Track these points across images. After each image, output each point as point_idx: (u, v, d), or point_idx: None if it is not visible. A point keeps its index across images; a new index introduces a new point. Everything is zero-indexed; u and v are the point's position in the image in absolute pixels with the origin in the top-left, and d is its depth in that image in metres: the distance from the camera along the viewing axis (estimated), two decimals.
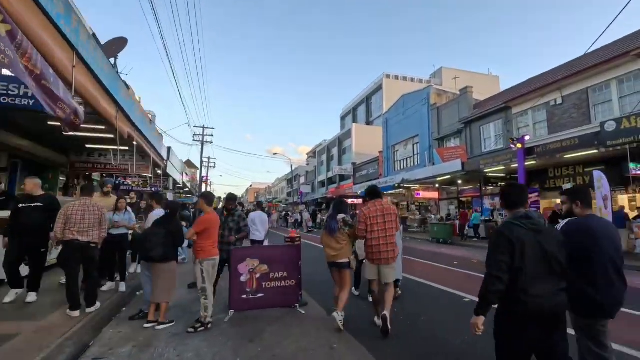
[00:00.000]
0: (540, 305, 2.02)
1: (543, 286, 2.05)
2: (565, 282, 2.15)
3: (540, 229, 2.12)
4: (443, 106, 22.35)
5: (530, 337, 2.06)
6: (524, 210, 2.24)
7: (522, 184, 2.73)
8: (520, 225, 2.13)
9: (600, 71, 12.97)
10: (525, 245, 2.06)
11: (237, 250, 4.52)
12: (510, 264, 2.06)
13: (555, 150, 11.69)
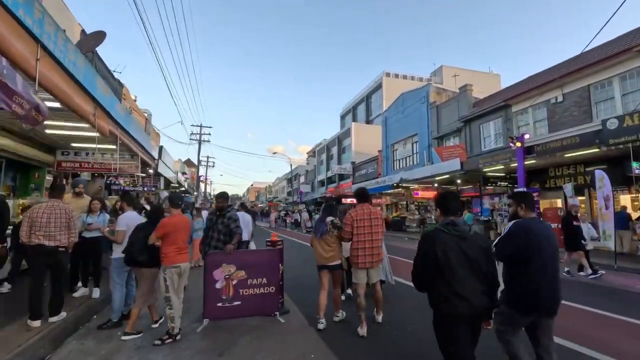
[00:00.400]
0: (462, 306, 2.19)
1: (465, 288, 2.21)
2: (488, 284, 2.30)
3: (464, 236, 2.29)
4: (442, 104, 22.03)
5: (458, 331, 2.25)
6: (452, 218, 2.39)
7: (456, 192, 2.72)
8: (445, 231, 2.30)
9: (602, 68, 12.63)
10: (447, 251, 2.23)
11: (212, 255, 4.24)
12: (433, 268, 2.25)
13: (556, 149, 11.37)
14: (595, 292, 6.38)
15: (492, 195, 17.51)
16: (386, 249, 5.62)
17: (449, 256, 2.22)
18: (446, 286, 2.22)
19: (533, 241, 2.54)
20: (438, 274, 2.24)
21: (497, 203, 16.71)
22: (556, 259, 2.58)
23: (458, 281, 2.21)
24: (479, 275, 2.26)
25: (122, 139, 8.06)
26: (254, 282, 4.28)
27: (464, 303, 2.19)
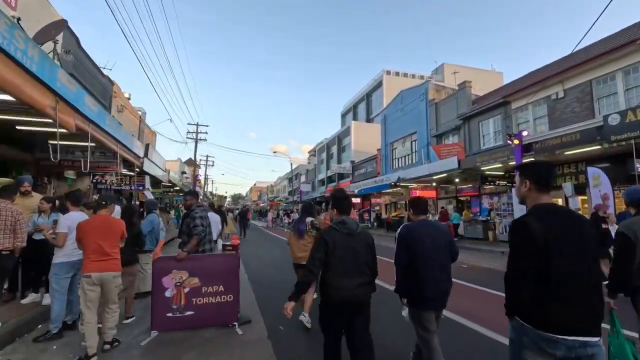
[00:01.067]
0: (343, 296, 2.44)
1: (348, 280, 2.45)
2: (371, 276, 2.57)
3: (352, 233, 2.54)
4: (441, 102, 21.52)
5: (338, 319, 2.51)
6: (345, 216, 2.64)
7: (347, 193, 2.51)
8: (336, 229, 2.54)
9: (604, 62, 12.10)
10: (336, 246, 2.47)
11: (161, 260, 3.85)
12: (324, 260, 2.46)
13: (555, 147, 10.89)
14: None
15: (492, 194, 17.03)
16: None
17: (337, 250, 2.47)
18: (332, 277, 2.47)
19: (417, 242, 2.73)
20: (326, 265, 2.48)
21: (496, 202, 16.22)
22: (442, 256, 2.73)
23: (342, 273, 2.47)
24: (363, 268, 2.54)
25: (95, 135, 7.70)
26: (209, 289, 3.89)
27: (346, 292, 2.46)
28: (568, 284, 1.64)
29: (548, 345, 1.63)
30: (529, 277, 1.69)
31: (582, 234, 1.74)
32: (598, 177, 9.11)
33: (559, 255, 1.65)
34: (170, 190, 22.31)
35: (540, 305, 1.66)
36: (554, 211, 1.82)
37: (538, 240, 1.67)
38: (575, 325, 1.62)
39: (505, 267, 1.85)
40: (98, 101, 14.99)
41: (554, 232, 1.68)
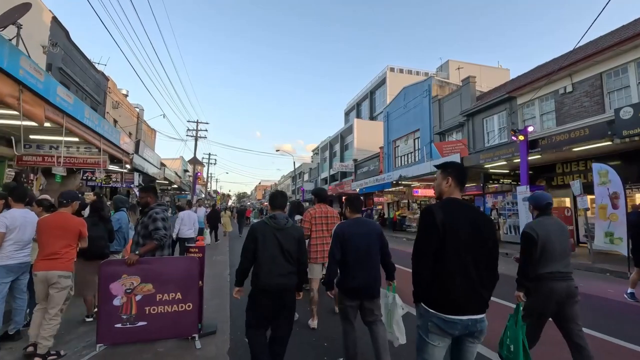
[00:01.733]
0: (267, 284, 2.70)
1: (272, 269, 2.70)
2: (297, 266, 2.84)
3: (280, 227, 2.81)
4: (445, 98, 20.91)
5: (262, 305, 2.73)
6: (279, 212, 2.95)
7: (283, 191, 3.28)
8: (267, 223, 2.84)
9: (616, 53, 11.44)
10: (265, 239, 2.76)
11: (108, 264, 3.41)
12: (255, 251, 2.75)
13: (562, 143, 10.28)
14: None
15: (496, 193, 16.42)
16: None
17: (266, 242, 2.74)
18: (260, 266, 2.71)
19: (349, 239, 2.95)
20: (256, 255, 2.74)
21: (500, 202, 15.61)
22: (372, 251, 2.92)
23: (268, 262, 2.70)
24: (289, 259, 2.78)
25: (72, 128, 7.30)
26: (164, 297, 3.44)
27: (272, 279, 2.69)
28: (457, 270, 1.89)
29: (447, 326, 1.87)
30: (429, 258, 1.93)
31: (477, 227, 1.97)
32: (606, 174, 8.51)
33: (451, 244, 1.90)
34: (167, 188, 21.99)
35: (439, 289, 1.90)
36: (461, 205, 2.05)
37: (439, 226, 1.91)
38: (467, 307, 1.88)
39: (508, 270, 1.88)
40: (90, 96, 14.70)
41: (452, 222, 1.92)
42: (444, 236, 1.90)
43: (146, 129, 24.62)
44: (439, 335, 1.90)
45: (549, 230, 2.90)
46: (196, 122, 27.89)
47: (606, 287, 6.63)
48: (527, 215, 11.13)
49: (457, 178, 2.11)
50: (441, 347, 1.92)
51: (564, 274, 2.85)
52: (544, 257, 2.86)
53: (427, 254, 1.94)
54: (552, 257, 2.85)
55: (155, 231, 3.62)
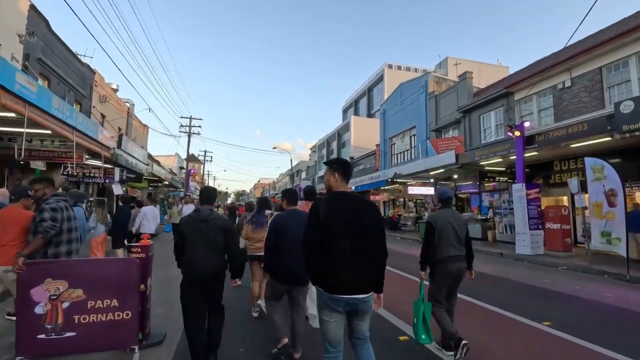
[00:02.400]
0: (193, 270, 2.92)
1: (197, 256, 2.92)
2: (223, 254, 3.05)
3: (204, 219, 3.02)
4: (441, 94, 20.45)
5: (192, 292, 2.93)
6: (206, 206, 3.15)
7: (212, 187, 3.88)
8: (192, 216, 3.09)
9: (616, 46, 10.99)
10: (190, 229, 2.98)
11: (32, 266, 2.97)
12: (182, 242, 2.98)
13: (560, 139, 9.86)
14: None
15: (492, 192, 15.99)
16: None
17: (191, 234, 2.96)
18: (187, 256, 2.93)
19: (285, 228, 3.15)
20: (184, 244, 2.95)
21: (497, 200, 15.18)
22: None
23: (194, 251, 2.91)
24: (214, 248, 2.98)
25: (36, 118, 6.86)
26: (97, 305, 3.01)
27: (197, 268, 2.90)
28: (340, 255, 2.12)
29: (333, 302, 2.14)
30: (316, 246, 2.17)
31: (359, 214, 2.20)
32: (602, 170, 8.09)
33: (332, 233, 2.14)
34: (158, 185, 21.57)
35: (325, 272, 2.15)
36: (343, 197, 2.28)
37: (321, 219, 2.16)
38: (348, 287, 2.12)
39: (502, 272, 4.94)
40: (74, 89, 14.24)
41: (334, 212, 2.17)
42: (327, 226, 2.14)
43: (137, 124, 24.18)
44: (329, 311, 2.16)
45: (446, 220, 3.41)
46: (189, 118, 27.44)
47: (604, 290, 6.21)
48: (524, 213, 10.74)
49: (342, 173, 2.36)
50: (333, 322, 2.17)
51: (456, 257, 3.38)
52: (440, 243, 3.37)
53: (314, 243, 2.19)
54: (448, 243, 3.36)
55: (40, 224, 3.13)
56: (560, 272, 8.21)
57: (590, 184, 8.42)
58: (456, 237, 3.39)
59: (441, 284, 3.41)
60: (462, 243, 3.44)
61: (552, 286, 6.43)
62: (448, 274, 3.37)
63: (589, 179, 8.38)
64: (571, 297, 5.64)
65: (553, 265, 9.05)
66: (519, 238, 10.63)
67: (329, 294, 2.14)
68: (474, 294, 5.51)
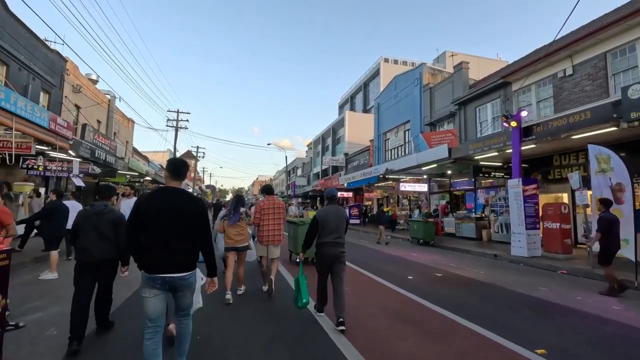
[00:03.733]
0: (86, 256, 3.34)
1: (90, 246, 3.33)
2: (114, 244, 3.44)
3: (97, 213, 3.47)
4: (436, 86, 19.52)
5: (84, 274, 3.35)
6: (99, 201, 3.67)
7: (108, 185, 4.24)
8: (88, 209, 3.58)
9: (623, 29, 10.05)
10: (83, 221, 3.45)
11: None
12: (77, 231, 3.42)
13: (560, 129, 8.94)
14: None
15: (488, 188, 15.09)
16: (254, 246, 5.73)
17: (83, 224, 3.43)
18: (80, 242, 3.37)
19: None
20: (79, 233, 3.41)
21: (492, 197, 14.28)
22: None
23: (86, 240, 3.35)
24: (105, 238, 3.41)
25: None
26: None
27: (87, 255, 3.35)
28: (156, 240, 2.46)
29: (150, 280, 2.43)
30: (135, 234, 2.51)
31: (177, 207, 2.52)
32: (608, 160, 7.19)
33: (150, 221, 2.47)
34: (140, 181, 20.65)
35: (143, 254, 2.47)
36: (165, 191, 2.63)
37: (141, 208, 2.49)
38: (161, 267, 2.43)
39: (494, 278, 4.93)
40: (40, 77, 13.27)
41: (153, 204, 2.50)
42: (146, 214, 2.47)
43: (121, 118, 23.23)
44: (148, 288, 2.44)
45: (327, 214, 4.17)
46: (176, 112, 26.49)
47: (610, 302, 5.31)
48: (520, 211, 9.84)
49: (170, 170, 2.67)
50: (151, 298, 2.44)
51: (334, 243, 4.07)
52: (322, 232, 4.09)
53: (132, 231, 2.53)
54: (327, 232, 4.07)
55: None
56: (559, 277, 7.32)
57: (593, 176, 7.51)
58: (335, 227, 4.12)
59: (322, 263, 4.16)
60: (340, 232, 4.17)
61: (550, 296, 5.53)
62: (327, 255, 4.10)
63: (592, 170, 7.47)
64: (572, 312, 4.74)
65: (551, 268, 8.17)
66: (515, 238, 9.73)
67: (147, 273, 2.43)
68: (458, 309, 4.61)
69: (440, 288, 5.90)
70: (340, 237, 4.13)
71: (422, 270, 7.70)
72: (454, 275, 7.13)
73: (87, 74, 19.54)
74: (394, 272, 7.21)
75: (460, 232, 14.53)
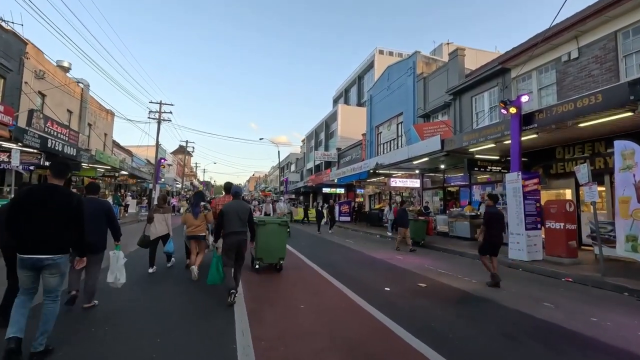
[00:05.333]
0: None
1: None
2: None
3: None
4: (430, 76, 18.34)
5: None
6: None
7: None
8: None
9: (636, 5, 8.90)
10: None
11: None
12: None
13: (566, 115, 7.79)
14: None
15: (485, 184, 13.99)
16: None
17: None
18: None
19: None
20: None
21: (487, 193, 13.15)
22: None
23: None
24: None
25: None
26: None
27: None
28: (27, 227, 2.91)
29: (22, 261, 2.89)
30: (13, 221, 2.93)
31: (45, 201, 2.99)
32: (632, 155, 6.11)
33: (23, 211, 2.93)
34: (113, 175, 19.40)
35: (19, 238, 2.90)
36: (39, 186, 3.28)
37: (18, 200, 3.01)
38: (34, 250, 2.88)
39: (488, 289, 4.75)
40: None
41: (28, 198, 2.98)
42: (20, 206, 2.96)
43: (97, 109, 21.90)
44: (20, 268, 2.91)
45: (231, 208, 4.93)
46: (159, 104, 25.20)
47: (632, 326, 4.19)
48: (519, 209, 8.73)
49: (51, 170, 3.17)
50: (24, 275, 2.92)
51: (237, 232, 4.86)
52: (228, 223, 4.85)
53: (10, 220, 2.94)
54: (231, 223, 4.84)
55: None
56: (565, 287, 6.22)
57: (617, 173, 6.44)
58: (238, 219, 4.86)
59: (228, 250, 4.84)
60: (244, 223, 4.94)
61: (558, 317, 4.41)
62: (231, 243, 4.82)
63: (616, 168, 6.39)
64: (590, 344, 3.60)
65: (555, 275, 7.07)
66: (513, 240, 8.61)
67: (19, 254, 2.90)
68: (439, 340, 3.47)
69: (420, 305, 4.77)
70: (243, 226, 4.93)
71: (404, 278, 6.56)
72: (441, 286, 5.99)
73: (59, 61, 18.25)
74: (370, 282, 6.07)
75: (454, 231, 13.43)
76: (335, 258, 8.57)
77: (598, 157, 9.47)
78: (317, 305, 4.60)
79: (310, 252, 9.49)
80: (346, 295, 5.10)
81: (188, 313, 4.22)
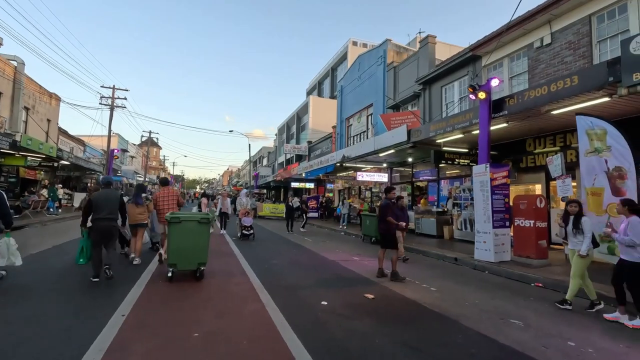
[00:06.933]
0: None
1: None
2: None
3: None
4: (400, 65, 17.48)
5: None
6: None
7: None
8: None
9: None
10: None
11: None
12: None
13: (539, 100, 6.97)
14: None
15: (453, 179, 13.24)
16: None
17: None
18: None
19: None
20: None
21: (455, 189, 12.42)
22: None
23: None
24: None
25: None
26: None
27: None
28: None
29: None
30: None
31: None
32: (603, 136, 5.32)
33: None
34: (52, 164, 17.38)
35: None
36: None
37: None
38: None
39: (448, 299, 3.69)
40: None
41: None
42: None
43: (37, 91, 19.64)
44: None
45: (100, 197, 5.37)
46: (112, 88, 23.09)
47: (609, 346, 3.30)
48: (487, 205, 7.91)
49: None
50: None
51: (106, 219, 5.27)
52: (97, 210, 5.24)
53: None
54: (100, 210, 5.24)
55: None
56: (535, 294, 5.38)
57: (582, 157, 5.59)
58: (107, 207, 5.30)
59: (96, 234, 5.30)
60: (112, 210, 5.37)
61: (527, 340, 3.49)
62: (100, 228, 5.28)
63: (581, 150, 5.54)
64: None
65: (523, 279, 6.26)
66: (479, 239, 7.77)
67: None
68: None
69: (358, 327, 3.70)
70: (112, 214, 5.35)
71: (351, 286, 5.51)
72: (392, 297, 4.97)
73: None
74: (307, 294, 4.97)
75: (420, 228, 12.61)
76: (281, 261, 7.44)
77: (570, 149, 8.80)
78: (218, 332, 3.42)
79: (255, 254, 8.29)
80: (266, 316, 3.94)
81: None
